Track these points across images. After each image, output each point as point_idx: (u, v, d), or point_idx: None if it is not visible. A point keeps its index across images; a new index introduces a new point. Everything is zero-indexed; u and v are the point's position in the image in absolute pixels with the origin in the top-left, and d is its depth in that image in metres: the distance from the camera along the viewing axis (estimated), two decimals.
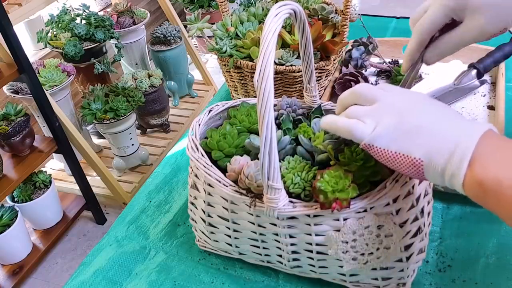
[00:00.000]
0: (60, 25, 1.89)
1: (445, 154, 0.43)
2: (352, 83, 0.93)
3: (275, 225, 0.58)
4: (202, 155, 0.62)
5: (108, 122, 1.79)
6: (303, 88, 0.69)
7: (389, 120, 0.47)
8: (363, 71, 0.99)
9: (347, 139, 0.53)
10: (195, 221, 0.69)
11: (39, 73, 1.73)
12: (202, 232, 0.69)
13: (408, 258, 0.57)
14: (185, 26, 1.41)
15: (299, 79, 0.89)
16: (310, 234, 0.57)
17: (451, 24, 0.57)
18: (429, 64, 0.61)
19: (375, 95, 0.50)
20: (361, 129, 0.48)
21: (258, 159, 0.56)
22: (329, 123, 0.51)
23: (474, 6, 0.54)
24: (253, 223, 0.60)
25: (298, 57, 0.90)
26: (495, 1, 0.53)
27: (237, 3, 1.72)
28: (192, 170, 0.65)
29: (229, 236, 0.65)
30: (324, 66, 0.89)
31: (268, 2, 1.03)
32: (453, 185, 0.44)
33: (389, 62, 1.04)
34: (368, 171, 0.54)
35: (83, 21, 1.92)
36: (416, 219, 0.56)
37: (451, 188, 0.45)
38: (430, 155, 0.44)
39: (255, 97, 0.55)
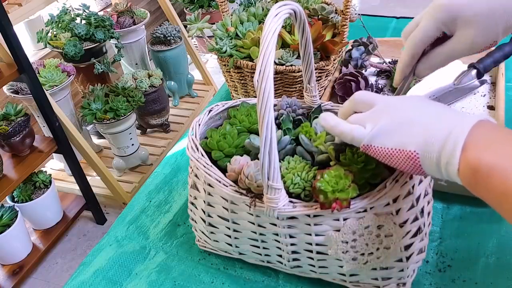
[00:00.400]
0: (60, 25, 1.89)
1: (438, 142, 0.44)
2: (352, 83, 0.93)
3: (275, 225, 0.58)
4: (202, 155, 0.62)
5: (108, 122, 1.79)
6: (303, 88, 0.69)
7: (385, 120, 0.49)
8: (363, 71, 0.99)
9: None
10: (195, 221, 0.69)
11: (39, 73, 1.73)
12: (202, 232, 0.69)
13: (408, 258, 0.57)
14: (185, 26, 1.41)
15: (299, 79, 0.89)
16: (310, 234, 0.57)
17: (443, 38, 0.58)
18: (420, 77, 0.62)
19: (373, 99, 0.52)
20: (361, 133, 0.50)
21: (258, 159, 0.56)
22: (332, 126, 0.52)
23: (464, 19, 0.55)
24: (253, 223, 0.60)
25: (298, 57, 0.90)
26: (484, 15, 0.54)
27: (237, 3, 1.72)
28: (192, 170, 0.65)
29: (229, 236, 0.65)
30: (324, 66, 0.89)
31: (268, 2, 1.03)
32: (449, 174, 0.44)
33: (389, 62, 1.04)
34: (368, 173, 0.54)
35: (83, 21, 1.92)
36: (416, 219, 0.56)
37: (451, 181, 0.45)
38: (424, 146, 0.45)
39: (255, 97, 0.55)
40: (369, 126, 0.49)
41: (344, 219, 0.54)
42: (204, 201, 0.64)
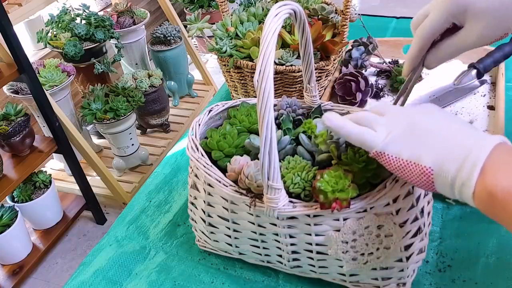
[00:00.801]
0: (60, 25, 1.89)
1: (455, 161, 0.42)
2: (352, 83, 0.93)
3: (275, 225, 0.58)
4: (202, 155, 0.62)
5: (108, 122, 1.79)
6: (303, 88, 0.69)
7: (401, 128, 0.47)
8: (363, 71, 0.99)
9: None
10: (195, 221, 0.69)
11: (39, 73, 1.73)
12: (202, 232, 0.69)
13: (408, 258, 0.57)
14: (185, 26, 1.41)
15: (299, 79, 0.89)
16: (310, 234, 0.57)
17: (452, 28, 0.58)
18: (430, 68, 0.61)
19: (386, 108, 0.51)
20: (373, 137, 0.48)
21: (258, 159, 0.56)
22: (338, 126, 0.50)
23: (474, 11, 0.54)
24: (253, 223, 0.60)
25: (298, 57, 0.90)
26: (494, 7, 0.53)
27: (237, 3, 1.72)
28: (192, 170, 0.65)
29: (229, 236, 0.65)
30: (324, 66, 0.89)
31: (268, 2, 1.03)
32: (462, 195, 0.43)
33: (389, 62, 1.04)
34: (369, 173, 0.54)
35: (83, 21, 1.92)
36: (416, 219, 0.56)
37: (461, 201, 0.44)
38: (441, 163, 0.43)
39: (255, 97, 0.55)
40: (382, 131, 0.48)
41: (344, 219, 0.54)
42: (204, 201, 0.64)
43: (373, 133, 0.48)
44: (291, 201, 0.55)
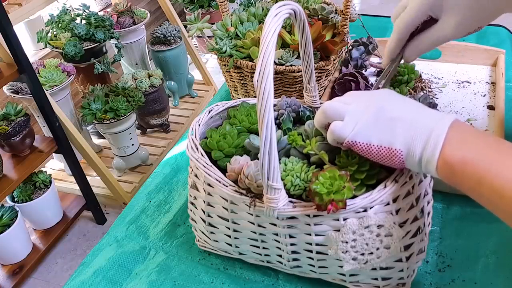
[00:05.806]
0: (60, 25, 1.89)
1: (420, 143, 0.48)
2: (352, 83, 0.93)
3: (275, 225, 0.58)
4: (202, 155, 0.62)
5: (108, 122, 1.79)
6: (303, 88, 0.69)
7: (368, 116, 0.50)
8: (363, 71, 0.99)
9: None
10: (195, 221, 0.69)
11: (39, 73, 1.73)
12: (202, 232, 0.69)
13: (408, 258, 0.57)
14: (185, 26, 1.41)
15: (299, 79, 0.89)
16: (310, 234, 0.57)
17: (430, 22, 0.60)
18: (409, 61, 0.64)
19: (351, 97, 0.54)
20: (342, 128, 0.51)
21: (258, 159, 0.56)
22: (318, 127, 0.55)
23: (449, 5, 0.57)
24: (253, 223, 0.60)
25: (298, 57, 0.90)
26: (468, 3, 0.56)
27: (237, 3, 1.72)
28: (192, 170, 0.65)
29: (229, 236, 0.65)
30: (324, 66, 0.89)
31: (268, 2, 1.03)
32: (428, 170, 0.49)
33: None
34: (362, 175, 0.54)
35: (83, 21, 1.92)
36: (416, 219, 0.56)
37: (425, 173, 0.50)
38: (409, 144, 0.48)
39: (255, 97, 0.55)
40: (351, 121, 0.51)
41: (344, 219, 0.54)
42: (204, 201, 0.64)
43: (341, 124, 0.51)
44: (291, 201, 0.55)
